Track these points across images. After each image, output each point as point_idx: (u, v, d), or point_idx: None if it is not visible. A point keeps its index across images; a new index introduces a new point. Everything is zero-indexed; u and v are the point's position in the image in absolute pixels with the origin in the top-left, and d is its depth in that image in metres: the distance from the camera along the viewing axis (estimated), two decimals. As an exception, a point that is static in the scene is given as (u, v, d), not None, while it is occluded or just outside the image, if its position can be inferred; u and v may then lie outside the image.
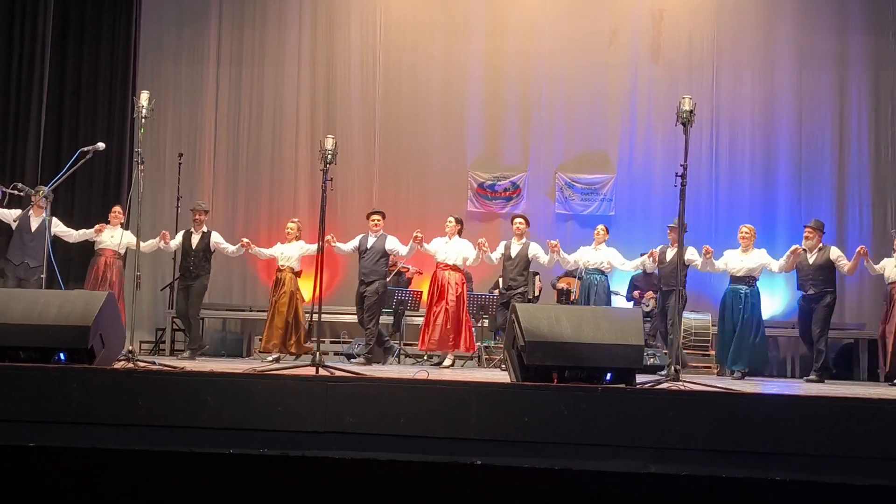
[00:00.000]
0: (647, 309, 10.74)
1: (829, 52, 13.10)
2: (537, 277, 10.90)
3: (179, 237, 10.54)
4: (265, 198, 13.58)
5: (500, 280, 10.94)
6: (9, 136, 12.18)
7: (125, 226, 10.39)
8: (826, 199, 12.95)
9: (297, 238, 10.40)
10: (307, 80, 13.69)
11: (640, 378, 5.68)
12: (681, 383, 5.81)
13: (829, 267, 9.64)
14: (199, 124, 13.64)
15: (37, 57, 12.28)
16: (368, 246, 10.35)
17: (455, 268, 10.21)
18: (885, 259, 9.72)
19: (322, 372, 5.74)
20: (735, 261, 9.85)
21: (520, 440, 4.90)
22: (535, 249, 10.20)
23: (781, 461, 4.80)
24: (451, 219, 10.40)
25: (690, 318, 10.78)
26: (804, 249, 9.69)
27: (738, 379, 9.34)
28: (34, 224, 9.65)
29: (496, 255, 10.25)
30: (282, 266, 10.32)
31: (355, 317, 12.08)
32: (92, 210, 12.15)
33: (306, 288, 10.51)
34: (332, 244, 10.16)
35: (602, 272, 10.27)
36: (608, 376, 5.41)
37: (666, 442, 4.85)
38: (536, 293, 10.95)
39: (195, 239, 10.39)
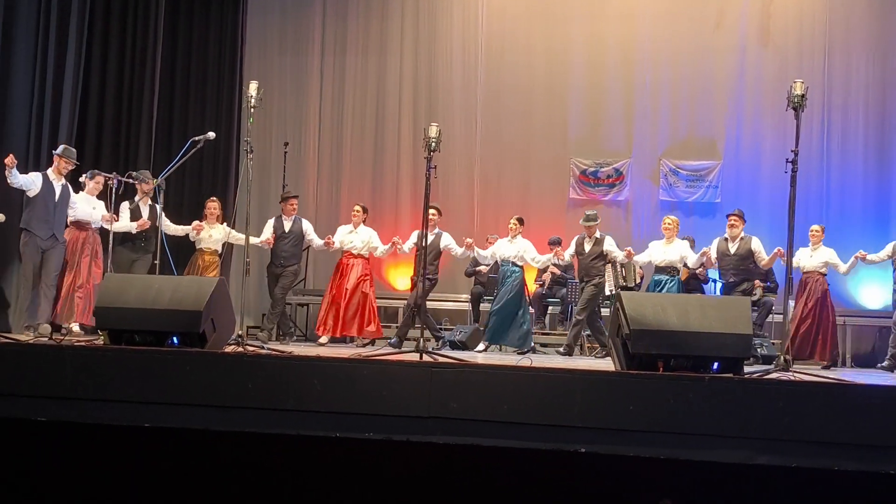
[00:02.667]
0: (755, 298, 10.50)
1: (951, 33, 12.59)
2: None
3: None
4: (368, 186, 13.69)
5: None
6: (123, 128, 12.55)
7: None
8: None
9: (219, 220, 10.36)
10: (409, 69, 13.77)
11: (748, 368, 5.57)
12: (790, 373, 5.69)
13: (750, 256, 9.84)
14: (304, 114, 13.85)
15: (149, 51, 12.62)
16: (286, 230, 10.44)
17: (360, 256, 10.37)
18: (801, 248, 9.92)
19: (426, 358, 5.79)
20: (658, 252, 9.98)
21: (624, 429, 4.87)
22: (446, 240, 10.27)
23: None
24: (358, 207, 10.62)
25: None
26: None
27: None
28: (58, 191, 8.95)
29: (408, 245, 10.34)
30: (204, 248, 10.15)
31: (455, 304, 12.14)
32: (201, 199, 12.45)
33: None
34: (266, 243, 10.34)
35: (517, 265, 10.17)
36: (715, 365, 5.32)
37: (774, 433, 4.76)
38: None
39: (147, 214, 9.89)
